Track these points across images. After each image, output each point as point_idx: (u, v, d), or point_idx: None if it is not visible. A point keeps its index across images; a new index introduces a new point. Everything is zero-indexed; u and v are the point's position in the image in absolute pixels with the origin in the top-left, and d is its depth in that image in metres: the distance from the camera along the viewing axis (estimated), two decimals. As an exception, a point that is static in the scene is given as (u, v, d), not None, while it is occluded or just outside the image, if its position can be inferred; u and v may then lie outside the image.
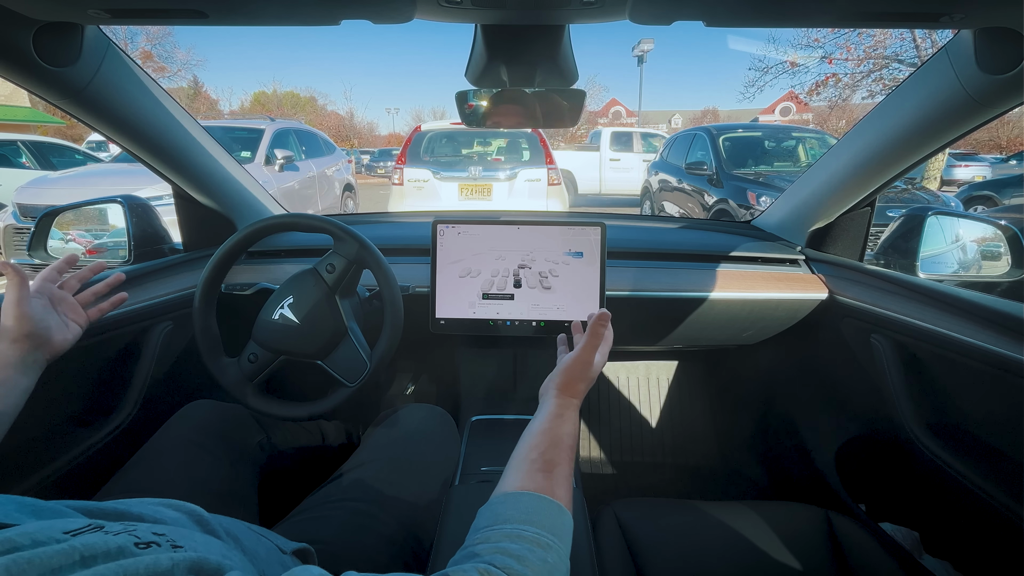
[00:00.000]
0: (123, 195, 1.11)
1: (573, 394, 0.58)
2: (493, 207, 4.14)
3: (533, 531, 0.40)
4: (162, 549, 0.27)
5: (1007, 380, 0.68)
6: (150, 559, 0.25)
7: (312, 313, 0.80)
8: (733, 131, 4.88)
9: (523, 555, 0.38)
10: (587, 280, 0.94)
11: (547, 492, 0.45)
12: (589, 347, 0.61)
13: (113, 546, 0.25)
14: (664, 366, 1.61)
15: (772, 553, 0.72)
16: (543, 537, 0.40)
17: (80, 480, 0.79)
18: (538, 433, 0.52)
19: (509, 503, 0.44)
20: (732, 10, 0.57)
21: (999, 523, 0.70)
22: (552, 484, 0.47)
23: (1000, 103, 0.69)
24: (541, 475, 0.47)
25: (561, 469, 0.49)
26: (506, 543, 0.39)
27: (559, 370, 0.61)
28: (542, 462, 0.48)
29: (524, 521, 0.41)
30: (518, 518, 0.42)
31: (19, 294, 0.59)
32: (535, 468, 0.48)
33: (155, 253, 1.10)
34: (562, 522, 0.44)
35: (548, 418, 0.54)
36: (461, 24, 0.64)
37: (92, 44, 0.70)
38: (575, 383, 0.59)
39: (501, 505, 0.44)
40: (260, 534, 0.47)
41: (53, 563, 0.22)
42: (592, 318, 0.61)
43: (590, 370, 0.61)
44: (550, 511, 0.44)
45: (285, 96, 34.03)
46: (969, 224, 1.21)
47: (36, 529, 0.24)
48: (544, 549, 0.39)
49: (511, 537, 0.40)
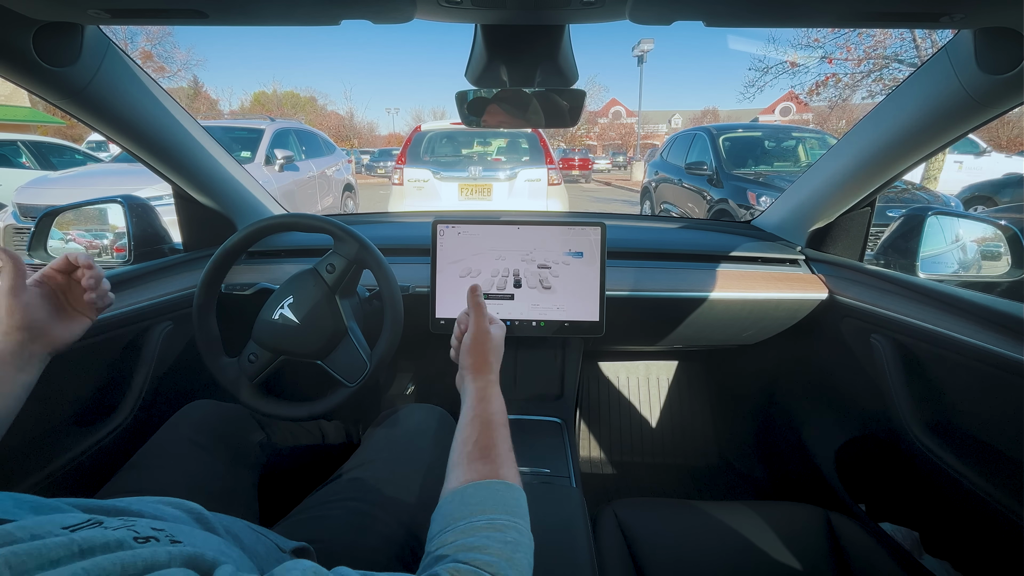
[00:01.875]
0: (123, 195, 1.11)
1: (486, 370, 0.59)
2: (493, 207, 4.13)
3: (486, 519, 0.41)
4: (160, 544, 0.27)
5: (1007, 380, 0.68)
6: (148, 552, 0.25)
7: (312, 313, 0.80)
8: (733, 131, 4.88)
9: (484, 544, 0.39)
10: (587, 280, 0.94)
11: (490, 476, 0.46)
12: (477, 318, 0.63)
13: (112, 539, 0.25)
14: (664, 366, 1.61)
15: (772, 553, 0.72)
16: (498, 520, 0.41)
17: (80, 479, 0.79)
18: (467, 423, 0.52)
19: (456, 501, 0.44)
20: (732, 10, 0.57)
21: (999, 523, 0.70)
22: (494, 466, 0.47)
23: (1000, 103, 0.69)
24: (480, 462, 0.47)
25: (499, 448, 0.49)
26: (463, 539, 0.39)
27: (464, 352, 0.62)
28: (478, 450, 0.49)
29: (475, 512, 0.42)
30: (468, 512, 0.42)
31: (13, 283, 0.56)
32: (473, 458, 0.48)
33: (155, 253, 1.10)
34: (513, 498, 0.44)
35: (472, 404, 0.55)
36: (461, 24, 0.64)
37: (92, 44, 0.70)
38: (483, 358, 0.60)
39: (449, 505, 0.44)
40: (259, 533, 0.47)
41: (52, 555, 0.22)
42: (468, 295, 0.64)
43: (489, 340, 0.62)
44: (497, 493, 0.44)
45: (285, 96, 34.03)
46: (969, 224, 1.21)
47: (35, 524, 0.24)
48: (501, 531, 0.40)
49: (466, 532, 0.40)
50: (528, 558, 0.41)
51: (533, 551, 0.42)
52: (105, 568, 0.23)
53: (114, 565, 0.23)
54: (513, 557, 0.39)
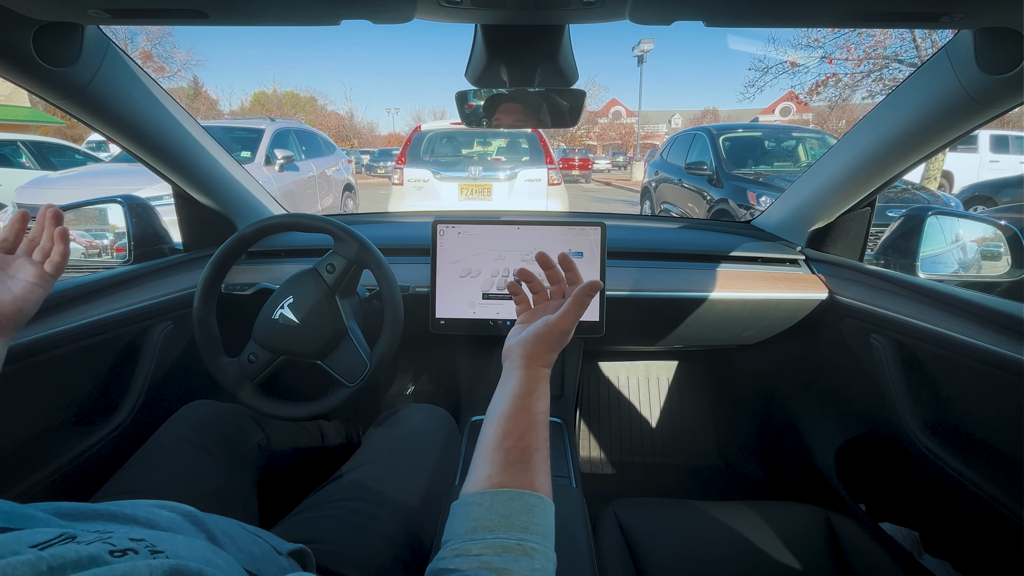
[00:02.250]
0: (123, 195, 1.11)
1: (545, 363, 0.51)
2: (493, 207, 4.13)
3: (517, 538, 0.38)
4: (139, 556, 0.26)
5: (1007, 380, 0.68)
6: (126, 567, 0.24)
7: (312, 313, 0.80)
8: (733, 131, 4.88)
9: (509, 568, 0.35)
10: (587, 280, 0.93)
11: (527, 486, 0.41)
12: (570, 316, 0.51)
13: (85, 555, 0.24)
14: (664, 366, 1.61)
15: (772, 553, 0.72)
16: (528, 542, 0.38)
17: (80, 479, 0.79)
18: (510, 416, 0.45)
19: (486, 504, 0.40)
20: (732, 10, 0.57)
21: (999, 523, 0.70)
22: (532, 475, 0.42)
23: (1000, 103, 0.69)
24: (519, 467, 0.42)
25: (539, 454, 0.44)
26: (489, 556, 0.36)
27: (531, 337, 0.51)
28: (518, 451, 0.43)
29: (506, 527, 0.38)
30: (499, 524, 0.38)
31: None
32: (511, 459, 0.42)
33: (155, 253, 1.10)
34: (545, 516, 0.41)
35: (520, 395, 0.47)
36: (461, 24, 0.64)
37: (92, 44, 0.70)
38: (547, 353, 0.51)
39: (478, 507, 0.40)
40: (256, 535, 0.47)
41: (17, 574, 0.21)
42: (583, 285, 0.52)
43: (565, 339, 0.52)
44: (533, 509, 0.40)
45: (285, 96, 34.04)
46: (969, 224, 1.21)
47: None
48: (530, 556, 0.37)
49: (494, 548, 0.37)
50: None
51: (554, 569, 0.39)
52: None
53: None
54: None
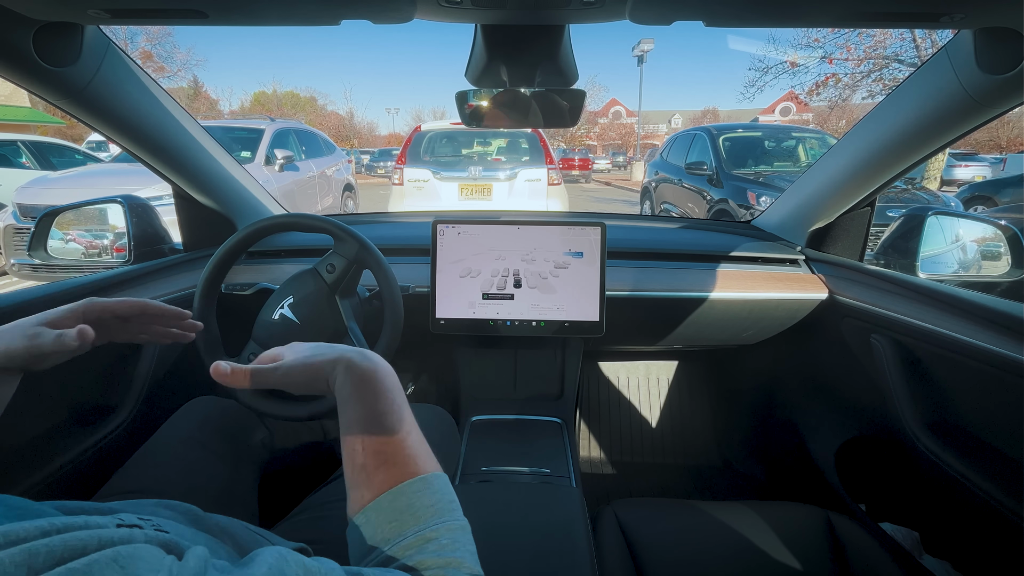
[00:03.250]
0: (123, 195, 1.11)
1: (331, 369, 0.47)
2: (493, 207, 4.13)
3: (413, 532, 0.37)
4: (143, 531, 0.27)
5: (1007, 380, 0.68)
6: (126, 532, 0.25)
7: (312, 313, 0.80)
8: (733, 131, 4.88)
9: (421, 560, 0.36)
10: (587, 280, 0.94)
11: (397, 480, 0.40)
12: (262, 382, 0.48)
13: (92, 522, 0.25)
14: (664, 366, 1.61)
15: (772, 553, 0.72)
16: (424, 530, 0.37)
17: (81, 479, 0.79)
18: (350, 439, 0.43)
19: (371, 522, 0.39)
20: (732, 10, 0.57)
21: (999, 523, 0.70)
22: (398, 469, 0.40)
23: (1000, 103, 0.69)
24: (381, 471, 0.40)
25: (394, 441, 0.42)
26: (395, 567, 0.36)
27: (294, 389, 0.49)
28: (371, 454, 0.41)
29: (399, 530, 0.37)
30: (392, 532, 0.37)
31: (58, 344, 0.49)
32: (370, 469, 0.41)
33: (155, 253, 1.10)
34: (432, 492, 0.40)
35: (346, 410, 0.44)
36: (461, 24, 0.64)
37: (92, 44, 0.70)
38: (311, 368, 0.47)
39: (364, 528, 0.39)
40: (257, 533, 0.47)
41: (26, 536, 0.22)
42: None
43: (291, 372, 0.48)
44: (414, 495, 0.39)
45: (285, 96, 34.05)
46: (969, 224, 1.21)
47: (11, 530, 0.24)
48: (434, 540, 0.37)
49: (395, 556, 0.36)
50: (471, 549, 0.38)
51: (470, 531, 0.39)
52: (82, 539, 0.22)
53: (91, 537, 0.23)
54: (460, 561, 0.36)
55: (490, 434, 1.02)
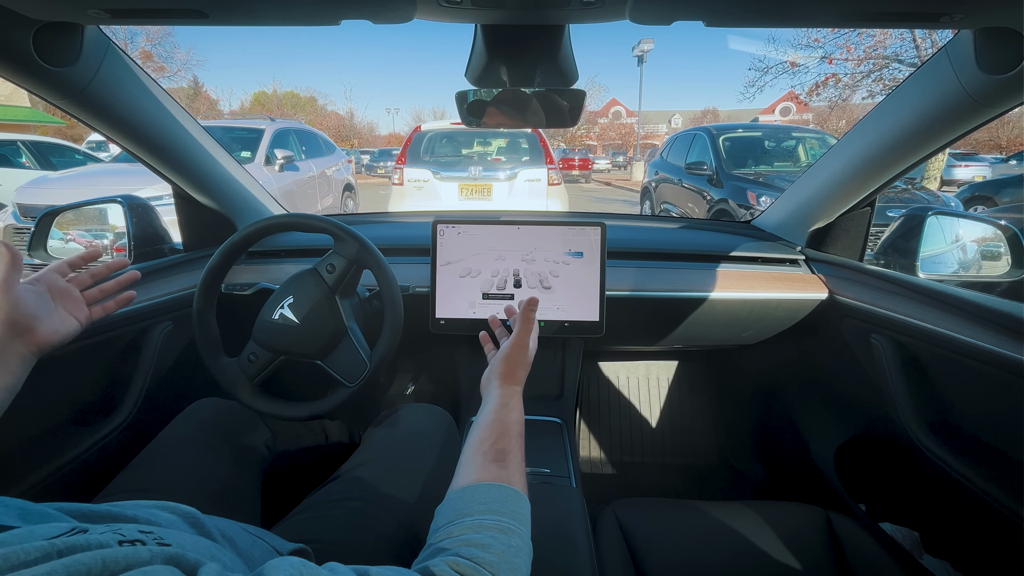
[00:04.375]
0: (123, 195, 1.11)
1: (515, 381, 0.60)
2: (493, 207, 4.13)
3: (494, 519, 0.41)
4: (146, 546, 0.27)
5: (1007, 380, 0.68)
6: (130, 551, 0.25)
7: (312, 313, 0.80)
8: (733, 131, 4.88)
9: (487, 543, 0.39)
10: (587, 280, 0.94)
11: (503, 480, 0.46)
12: (523, 332, 0.64)
13: (94, 541, 0.25)
14: (664, 366, 1.61)
15: (772, 553, 0.72)
16: (504, 523, 0.41)
17: (81, 479, 0.79)
18: (487, 425, 0.53)
19: (467, 497, 0.44)
20: (732, 10, 0.57)
21: (999, 523, 0.70)
22: (507, 472, 0.47)
23: (1000, 103, 0.69)
24: (495, 465, 0.48)
25: (513, 456, 0.50)
26: (469, 534, 0.40)
27: (499, 360, 0.63)
28: (494, 452, 0.49)
29: (484, 511, 0.42)
30: (478, 509, 0.42)
31: (6, 274, 0.53)
32: (488, 459, 0.48)
33: (155, 253, 1.10)
34: (521, 507, 0.45)
35: (495, 409, 0.55)
36: (461, 24, 0.64)
37: (92, 44, 0.70)
38: (515, 370, 0.61)
39: (459, 500, 0.44)
40: (256, 535, 0.47)
41: (27, 557, 0.22)
42: (523, 304, 0.67)
43: (526, 354, 0.63)
44: (508, 498, 0.44)
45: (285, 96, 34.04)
46: (969, 224, 1.21)
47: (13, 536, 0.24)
48: (506, 534, 0.40)
49: (473, 528, 0.40)
50: (527, 566, 0.41)
51: (531, 562, 0.42)
52: (85, 563, 0.22)
53: (94, 561, 0.23)
54: (514, 562, 0.39)
55: None
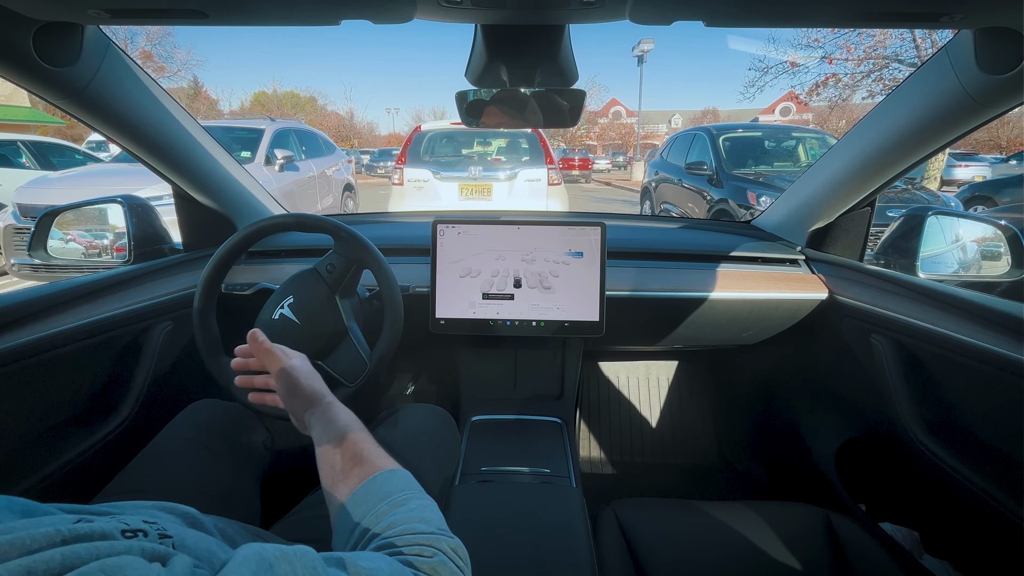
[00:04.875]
0: (123, 195, 1.11)
1: (317, 399, 0.58)
2: (493, 207, 4.13)
3: (383, 505, 0.42)
4: (148, 538, 0.27)
5: (1007, 380, 0.68)
6: (131, 544, 0.25)
7: (312, 313, 0.80)
8: (733, 131, 4.88)
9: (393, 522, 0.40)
10: (587, 280, 0.94)
11: (367, 475, 0.46)
12: (276, 363, 0.62)
13: (97, 530, 0.25)
14: (664, 366, 1.61)
15: (772, 553, 0.72)
16: (394, 497, 0.43)
17: (81, 480, 0.79)
18: (327, 452, 0.51)
19: (347, 510, 0.44)
20: (732, 10, 0.57)
21: (999, 523, 0.70)
22: (368, 466, 0.47)
23: (1000, 103, 0.69)
24: (354, 471, 0.47)
25: (365, 450, 0.50)
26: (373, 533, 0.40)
27: (285, 400, 0.61)
28: (346, 462, 0.49)
29: (371, 508, 0.42)
30: (364, 513, 0.42)
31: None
32: (346, 474, 0.47)
33: (155, 253, 1.10)
34: (398, 479, 0.46)
35: (322, 433, 0.54)
36: (461, 24, 0.64)
37: (92, 44, 0.70)
38: (307, 391, 0.58)
39: (342, 519, 0.44)
40: (255, 535, 0.47)
41: (33, 545, 0.22)
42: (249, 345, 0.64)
43: (297, 373, 0.60)
44: (383, 482, 0.45)
45: (285, 96, 34.04)
46: (969, 224, 1.21)
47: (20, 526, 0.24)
48: (403, 505, 0.42)
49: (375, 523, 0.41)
50: (439, 516, 0.43)
51: (438, 509, 0.44)
52: (80, 555, 0.23)
53: (90, 552, 0.23)
54: (425, 517, 0.41)
55: (490, 434, 1.02)
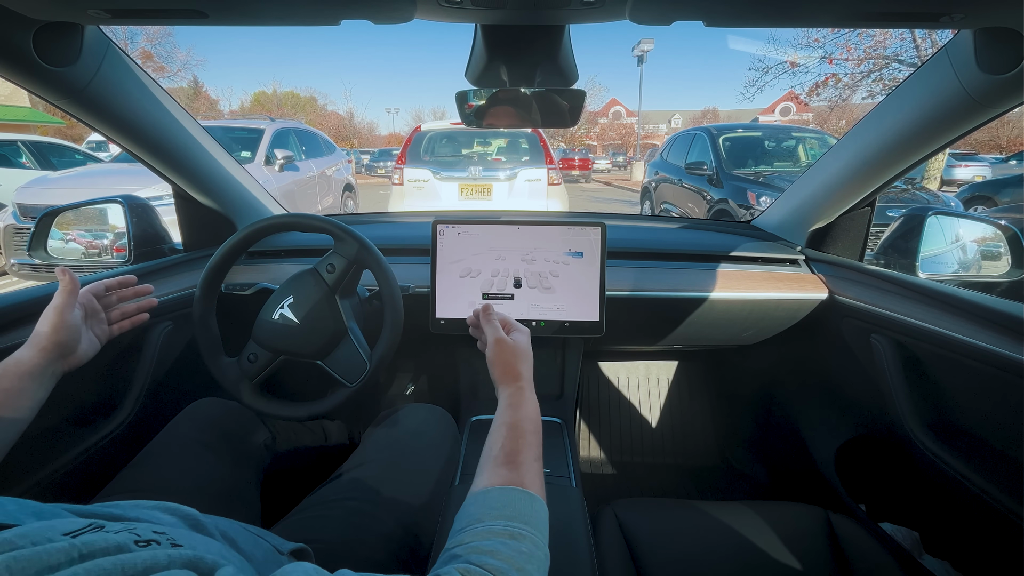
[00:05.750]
0: (123, 195, 1.11)
1: (512, 378, 0.60)
2: (493, 207, 4.13)
3: (503, 524, 0.42)
4: (161, 547, 0.27)
5: (1007, 380, 0.68)
6: (148, 555, 0.25)
7: (312, 313, 0.80)
8: (733, 131, 4.88)
9: (496, 549, 0.39)
10: (587, 280, 0.94)
11: (514, 483, 0.46)
12: (492, 331, 0.65)
13: (112, 543, 0.25)
14: (664, 366, 1.61)
15: (772, 553, 0.72)
16: (514, 527, 0.41)
17: (81, 480, 0.79)
18: (496, 429, 0.53)
19: (479, 502, 0.45)
20: (732, 10, 0.57)
21: (999, 523, 0.70)
22: (519, 474, 0.48)
23: (1000, 103, 0.69)
24: (505, 468, 0.48)
25: (526, 455, 0.50)
26: (479, 541, 0.40)
27: (490, 364, 0.63)
28: (504, 455, 0.50)
29: (494, 517, 0.42)
30: (488, 515, 0.43)
31: (66, 301, 0.59)
32: (498, 463, 0.49)
33: (155, 253, 1.10)
34: (533, 509, 0.45)
35: (502, 410, 0.56)
36: (461, 24, 0.64)
37: (92, 44, 0.70)
38: (510, 367, 0.61)
39: (472, 506, 0.45)
40: (257, 535, 0.47)
41: (52, 560, 0.22)
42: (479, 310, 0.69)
43: (510, 349, 0.63)
44: (518, 501, 0.45)
45: (285, 96, 34.04)
46: (969, 224, 1.21)
47: (34, 530, 0.24)
48: (517, 540, 0.41)
49: (483, 535, 0.41)
50: (540, 571, 0.40)
51: (547, 569, 0.42)
52: (106, 569, 0.23)
53: (115, 566, 0.23)
54: (524, 568, 0.38)
55: None
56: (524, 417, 0.55)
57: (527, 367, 0.62)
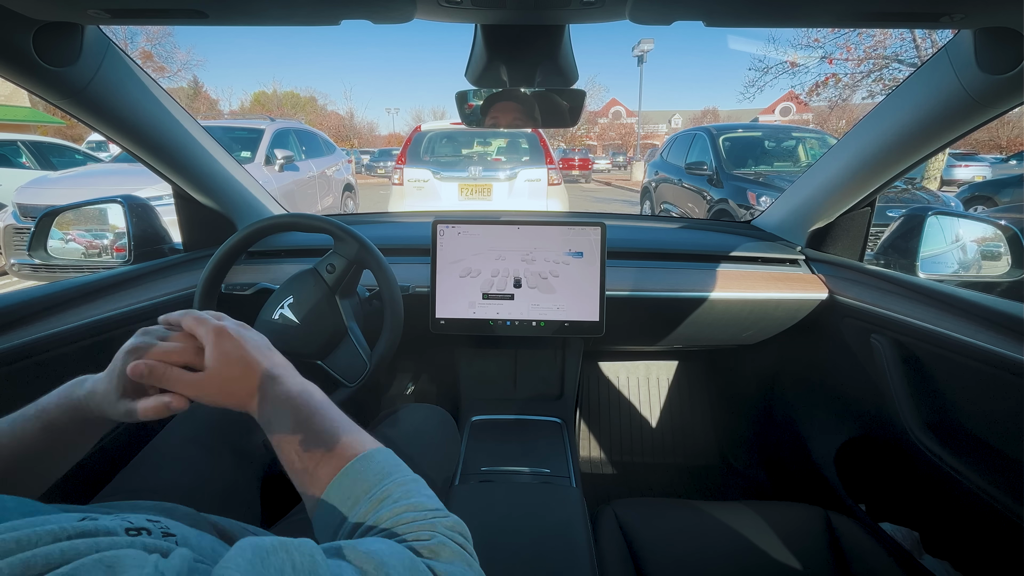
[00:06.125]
0: (123, 195, 1.11)
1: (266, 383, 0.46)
2: (493, 207, 4.13)
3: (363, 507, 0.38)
4: (152, 536, 0.27)
5: (1007, 380, 0.68)
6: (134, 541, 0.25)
7: (312, 313, 0.80)
8: (733, 131, 4.88)
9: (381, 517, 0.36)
10: (587, 280, 0.94)
11: (338, 466, 0.40)
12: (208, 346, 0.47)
13: (102, 527, 0.25)
14: (664, 366, 1.61)
15: (772, 553, 0.72)
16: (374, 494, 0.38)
17: (81, 480, 0.79)
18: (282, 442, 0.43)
19: (323, 512, 0.39)
20: (732, 10, 0.57)
21: (999, 523, 0.70)
22: (337, 453, 0.41)
23: (1000, 103, 0.69)
24: (322, 462, 0.41)
25: (327, 429, 0.42)
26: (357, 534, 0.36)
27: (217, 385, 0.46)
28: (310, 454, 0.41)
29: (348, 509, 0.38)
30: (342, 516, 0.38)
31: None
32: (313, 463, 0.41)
33: (155, 253, 1.10)
34: (373, 465, 0.40)
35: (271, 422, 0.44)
36: (461, 24, 0.64)
37: (92, 44, 0.70)
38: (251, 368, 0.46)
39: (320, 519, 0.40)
40: (256, 535, 0.47)
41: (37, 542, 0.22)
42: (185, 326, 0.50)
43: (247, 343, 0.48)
44: (357, 475, 0.39)
45: (285, 96, 34.06)
46: (969, 224, 1.21)
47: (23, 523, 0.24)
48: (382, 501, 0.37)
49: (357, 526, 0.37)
50: (428, 494, 0.39)
51: (424, 482, 0.41)
52: (79, 549, 0.23)
53: (89, 547, 0.23)
54: (412, 503, 0.37)
55: (490, 434, 1.02)
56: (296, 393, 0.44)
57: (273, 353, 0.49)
